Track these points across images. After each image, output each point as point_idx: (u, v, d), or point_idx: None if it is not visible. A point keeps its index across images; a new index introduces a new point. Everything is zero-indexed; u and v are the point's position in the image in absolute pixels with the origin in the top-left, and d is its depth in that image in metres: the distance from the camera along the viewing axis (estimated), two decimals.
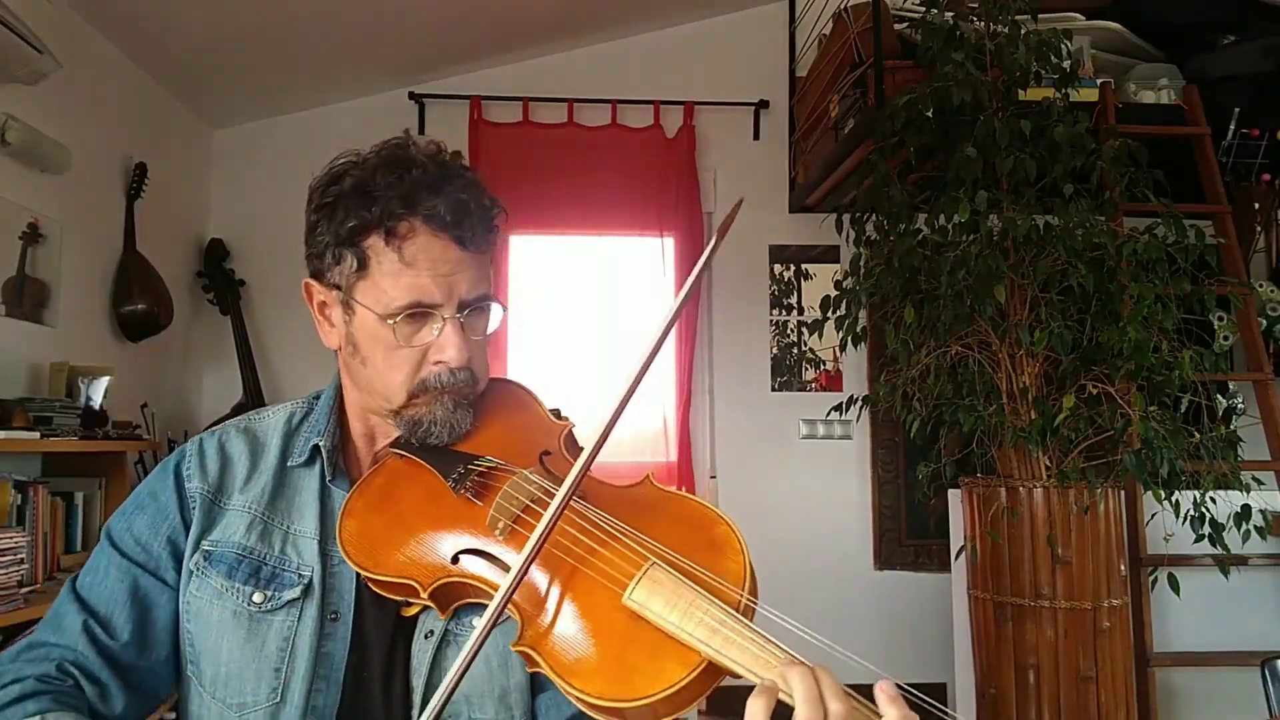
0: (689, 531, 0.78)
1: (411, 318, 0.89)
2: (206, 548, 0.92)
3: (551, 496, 0.79)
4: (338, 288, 0.92)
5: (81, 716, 0.82)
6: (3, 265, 2.55)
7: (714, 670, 0.69)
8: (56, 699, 0.82)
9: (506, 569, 0.80)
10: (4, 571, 2.25)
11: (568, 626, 0.75)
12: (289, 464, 0.97)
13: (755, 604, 0.73)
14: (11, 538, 2.29)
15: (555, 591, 0.78)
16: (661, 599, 0.71)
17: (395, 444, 0.95)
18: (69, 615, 0.89)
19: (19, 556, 2.30)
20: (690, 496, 0.84)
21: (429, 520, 0.88)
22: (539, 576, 0.79)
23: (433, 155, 0.92)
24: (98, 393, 2.67)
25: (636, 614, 0.71)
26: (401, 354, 0.90)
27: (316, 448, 0.97)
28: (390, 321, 0.89)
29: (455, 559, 0.84)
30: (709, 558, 0.75)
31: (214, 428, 1.02)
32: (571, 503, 0.81)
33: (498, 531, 0.83)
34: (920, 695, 0.67)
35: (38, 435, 2.36)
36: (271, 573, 0.91)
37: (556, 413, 1.05)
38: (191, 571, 0.91)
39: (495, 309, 0.95)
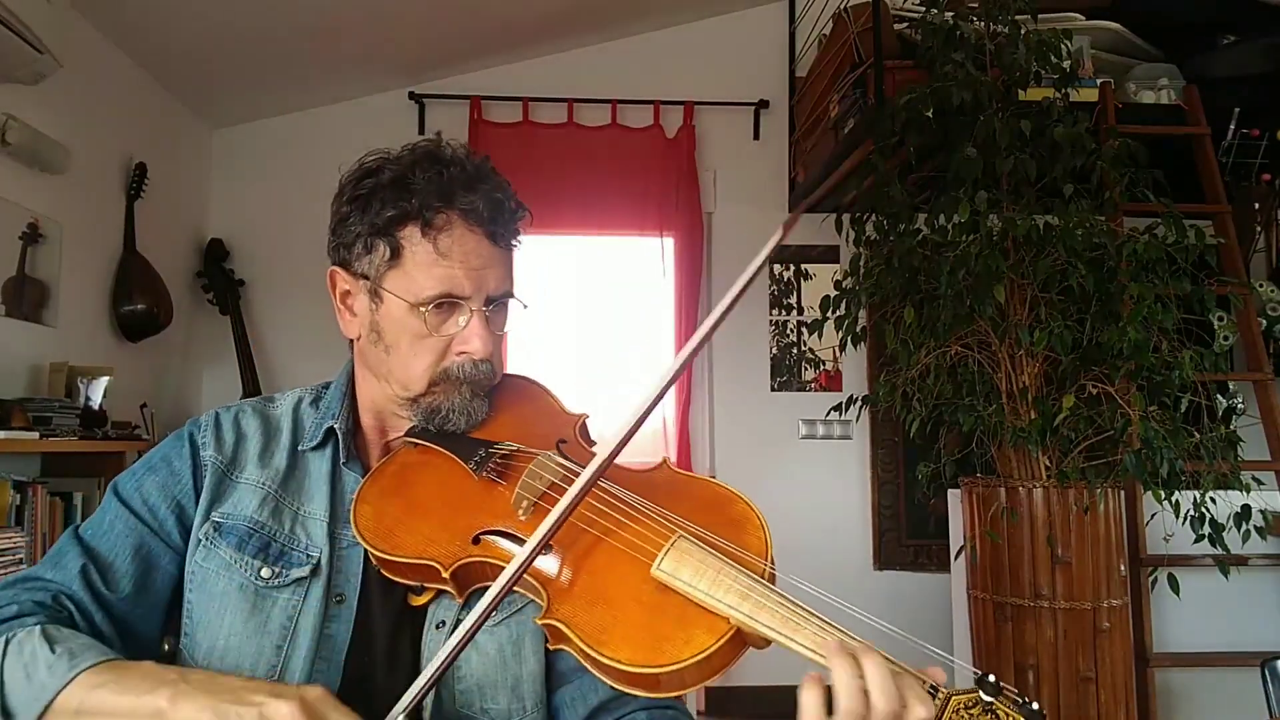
0: (710, 510, 0.81)
1: (440, 308, 0.92)
2: (217, 519, 0.92)
3: (574, 478, 0.80)
4: (365, 277, 0.94)
5: (79, 633, 0.82)
6: (3, 265, 2.55)
7: (741, 638, 0.71)
8: (52, 619, 0.83)
9: None
10: (3, 571, 2.25)
11: (596, 597, 0.76)
12: (300, 448, 0.98)
13: (776, 574, 0.76)
14: (10, 538, 2.29)
15: (582, 564, 0.79)
16: (690, 568, 0.73)
17: (410, 432, 0.96)
18: (69, 556, 0.89)
19: (18, 557, 2.30)
20: (709, 479, 0.87)
21: (448, 503, 0.89)
22: (566, 552, 0.80)
23: (466, 156, 0.97)
24: (97, 393, 2.67)
25: (665, 584, 0.74)
26: (427, 343, 0.93)
27: (330, 430, 0.98)
28: (421, 310, 0.91)
29: (477, 540, 0.84)
30: (731, 533, 0.78)
31: (229, 404, 1.03)
32: (596, 483, 0.82)
33: (521, 512, 0.84)
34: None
35: (37, 435, 2.36)
36: (280, 550, 0.91)
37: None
38: (200, 540, 0.91)
39: (515, 306, 1.00)
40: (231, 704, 0.70)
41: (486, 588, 0.83)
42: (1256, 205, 3.48)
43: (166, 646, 0.92)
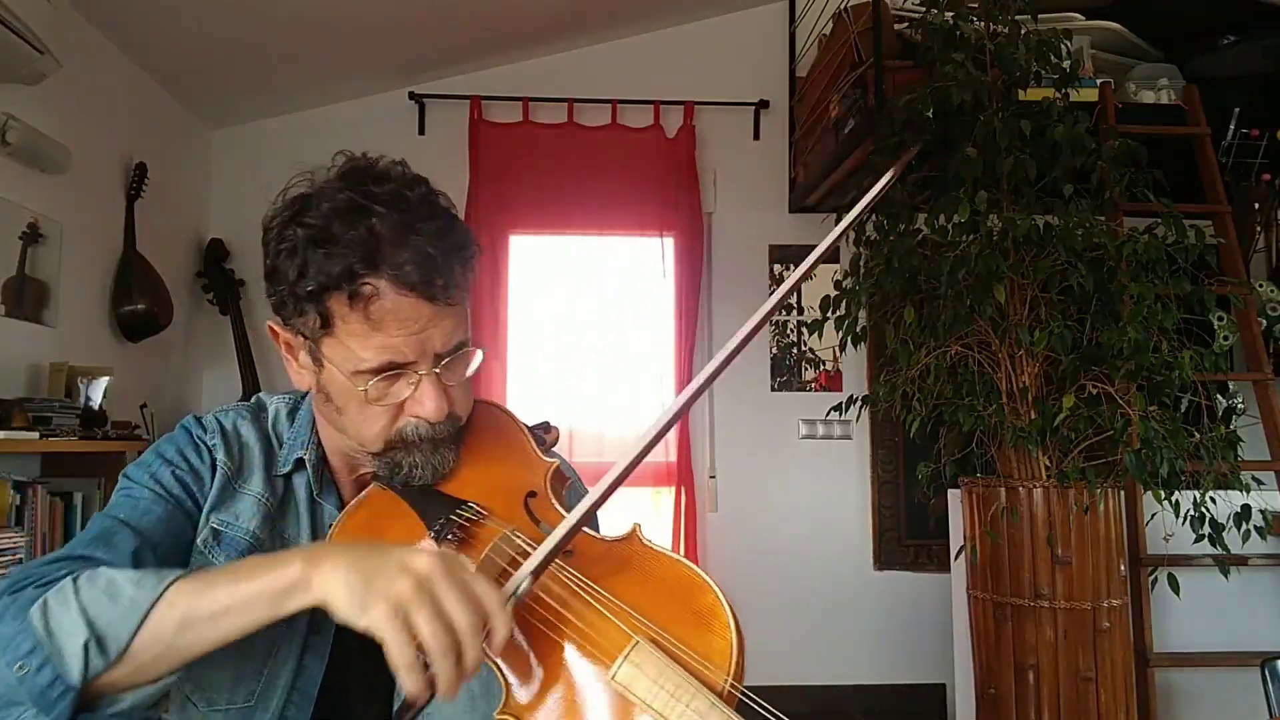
0: (676, 602, 0.76)
1: (385, 377, 0.84)
2: (216, 526, 0.90)
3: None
4: (304, 336, 0.87)
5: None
6: (3, 265, 2.54)
7: None
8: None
9: None
10: (2, 572, 2.25)
11: (550, 697, 0.74)
12: (274, 473, 0.95)
13: (739, 689, 0.71)
14: (10, 538, 2.29)
15: (540, 662, 0.76)
16: (644, 683, 0.70)
17: (378, 479, 0.92)
18: (119, 536, 0.83)
19: (18, 557, 2.30)
20: (678, 558, 0.80)
21: None
22: (522, 644, 0.78)
23: (395, 195, 0.83)
24: (97, 393, 2.67)
25: (620, 693, 0.71)
26: (376, 409, 0.86)
27: (300, 460, 0.95)
28: (364, 384, 0.84)
29: None
30: (695, 633, 0.73)
31: (226, 409, 0.99)
32: (556, 568, 0.79)
33: None
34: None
35: (37, 435, 2.35)
36: None
37: (546, 426, 1.03)
38: (198, 547, 0.90)
39: (476, 354, 0.90)
40: (370, 556, 0.70)
41: None
42: (1256, 205, 3.47)
43: None
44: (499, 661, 0.77)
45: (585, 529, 0.85)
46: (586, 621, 0.76)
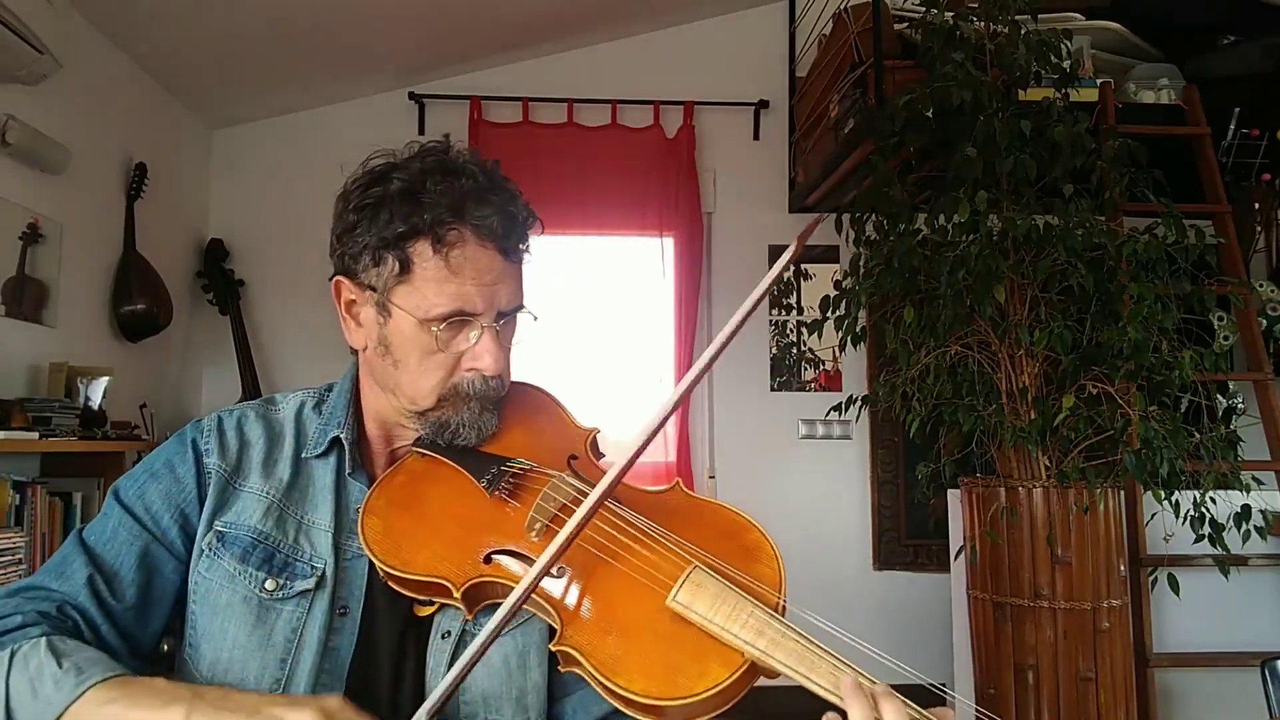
0: (724, 538, 0.80)
1: (450, 324, 0.90)
2: (220, 528, 0.91)
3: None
4: (372, 289, 0.91)
5: (86, 644, 0.81)
6: (3, 265, 2.54)
7: (754, 671, 0.71)
8: (57, 630, 0.82)
9: None
10: (2, 572, 2.25)
11: (610, 625, 0.76)
12: (304, 455, 0.96)
13: (787, 607, 0.75)
14: (10, 538, 2.28)
15: (597, 590, 0.78)
16: (705, 601, 0.73)
17: (420, 443, 0.95)
18: (75, 564, 0.87)
19: (17, 557, 2.30)
20: (723, 504, 0.85)
21: (459, 520, 0.88)
22: (580, 576, 0.79)
23: (478, 165, 0.93)
24: (97, 393, 2.67)
25: (679, 615, 0.73)
26: (437, 359, 0.91)
27: (336, 440, 0.96)
28: (433, 328, 0.89)
29: (488, 559, 0.84)
30: (745, 563, 0.78)
31: (232, 407, 1.01)
32: (608, 506, 0.82)
33: (534, 534, 0.84)
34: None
35: (36, 435, 2.36)
36: (285, 561, 0.90)
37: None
38: (203, 551, 0.90)
39: (526, 319, 0.97)
40: (247, 719, 0.70)
41: (496, 604, 0.82)
42: (1256, 205, 3.47)
43: (165, 647, 0.91)
44: (554, 596, 0.79)
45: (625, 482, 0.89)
46: (643, 552, 0.79)
